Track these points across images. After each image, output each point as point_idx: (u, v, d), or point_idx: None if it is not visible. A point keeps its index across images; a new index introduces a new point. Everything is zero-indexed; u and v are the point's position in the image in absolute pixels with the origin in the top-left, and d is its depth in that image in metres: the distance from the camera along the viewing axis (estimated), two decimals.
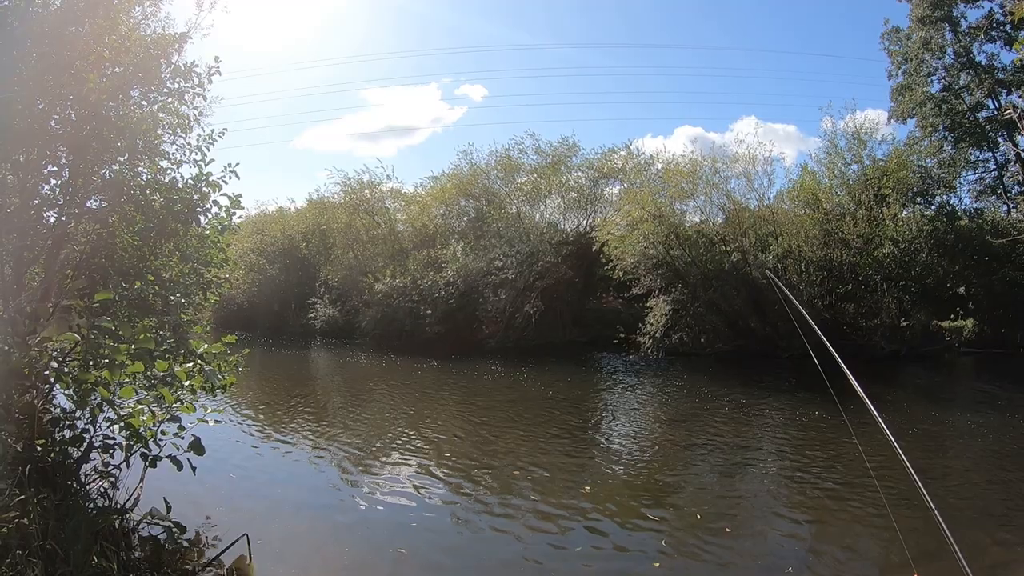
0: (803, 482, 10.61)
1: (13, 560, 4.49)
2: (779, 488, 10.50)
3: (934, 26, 29.95)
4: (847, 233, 26.36)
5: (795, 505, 9.57)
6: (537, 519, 8.90)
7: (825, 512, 9.18)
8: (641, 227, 27.91)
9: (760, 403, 17.33)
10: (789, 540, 8.33)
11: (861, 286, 25.94)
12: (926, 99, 30.63)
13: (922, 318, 26.10)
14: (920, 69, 31.14)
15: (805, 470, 11.24)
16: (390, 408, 17.69)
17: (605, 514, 9.09)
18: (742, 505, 9.81)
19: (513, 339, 30.06)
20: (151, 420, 6.54)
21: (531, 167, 36.30)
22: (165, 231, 8.18)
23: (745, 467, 11.87)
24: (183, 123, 8.27)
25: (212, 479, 7.14)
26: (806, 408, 15.83)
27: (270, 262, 42.38)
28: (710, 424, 14.91)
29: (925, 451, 12.17)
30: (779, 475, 11.22)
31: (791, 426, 14.76)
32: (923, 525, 4.50)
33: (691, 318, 27.71)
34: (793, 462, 11.88)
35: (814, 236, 26.76)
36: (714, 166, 29.02)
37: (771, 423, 15.34)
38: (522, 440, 13.28)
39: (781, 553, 7.92)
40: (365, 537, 8.32)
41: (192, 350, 7.50)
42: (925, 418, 14.99)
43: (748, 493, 10.39)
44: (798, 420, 15.12)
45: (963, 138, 30.67)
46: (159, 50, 7.68)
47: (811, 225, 27.01)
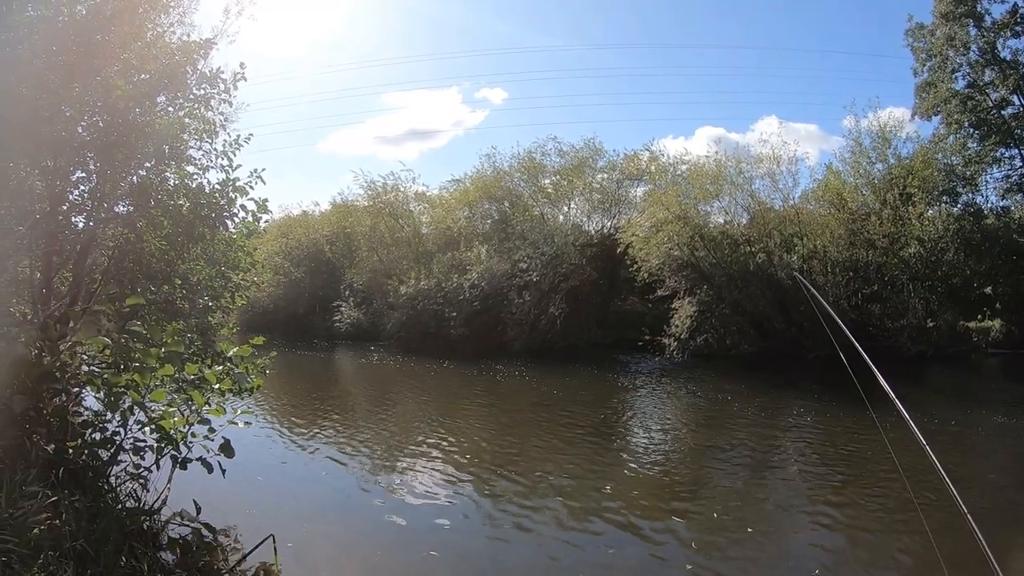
0: (830, 483, 10.56)
1: (45, 561, 4.55)
2: (806, 489, 10.41)
3: (958, 22, 29.53)
4: (873, 233, 26.09)
5: (822, 506, 9.48)
6: (565, 521, 8.89)
7: (853, 514, 9.10)
8: (666, 228, 27.77)
9: (786, 404, 17.25)
10: (816, 542, 8.26)
11: (887, 286, 25.68)
12: (951, 96, 30.18)
13: (949, 319, 25.84)
14: (944, 66, 30.71)
15: (832, 471, 11.17)
16: (415, 410, 17.78)
17: (632, 516, 9.06)
18: (768, 507, 9.79)
19: (538, 341, 29.99)
20: (182, 423, 6.61)
21: (554, 169, 36.28)
22: (193, 235, 8.27)
23: (771, 468, 11.84)
24: (209, 129, 8.34)
25: (238, 481, 7.20)
26: (832, 409, 15.73)
27: (295, 265, 42.62)
28: (735, 426, 14.87)
29: (954, 453, 12.03)
30: (806, 476, 11.11)
31: (817, 427, 14.67)
32: (954, 528, 4.47)
33: (716, 319, 27.55)
34: (820, 463, 11.79)
35: (839, 236, 26.54)
36: (738, 167, 28.85)
37: (797, 424, 15.24)
38: (547, 442, 13.27)
39: (809, 555, 7.85)
40: (393, 539, 8.35)
41: (222, 353, 7.57)
42: (953, 420, 14.82)
43: (774, 494, 10.37)
44: (824, 421, 15.02)
45: (988, 135, 30.09)
46: (185, 57, 7.77)
47: (836, 225, 26.78)
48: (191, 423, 6.72)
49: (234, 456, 6.83)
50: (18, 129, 5.90)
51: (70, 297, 7.72)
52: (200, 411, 6.73)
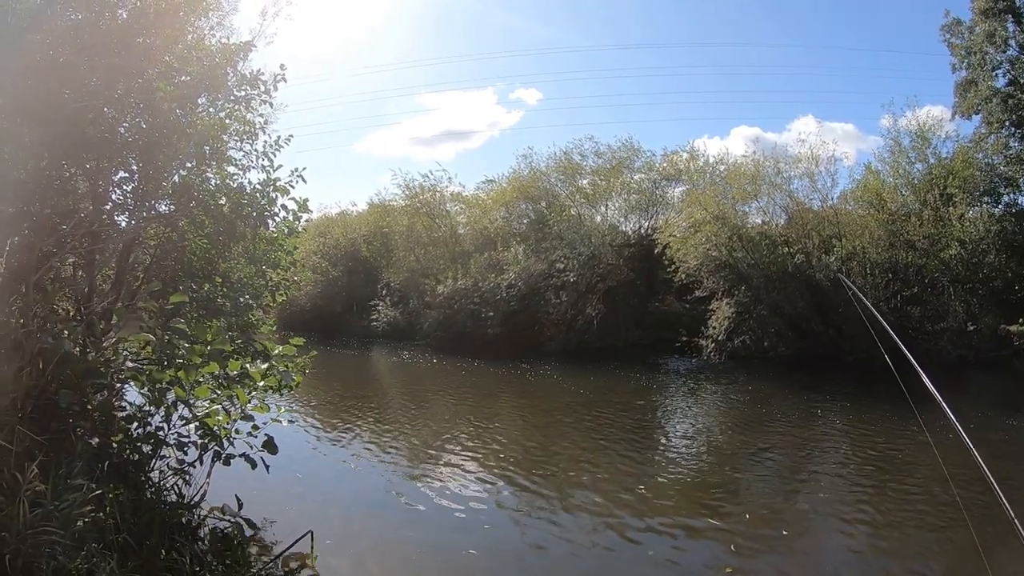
0: (870, 487, 10.40)
1: (89, 552, 4.65)
2: (844, 493, 10.24)
3: (997, 18, 28.84)
4: (912, 234, 25.55)
5: (861, 511, 9.34)
6: (601, 522, 8.88)
7: (893, 519, 8.96)
8: (704, 229, 27.53)
9: (823, 407, 17.04)
10: (855, 547, 8.15)
11: (927, 289, 25.09)
12: (991, 94, 29.28)
13: (990, 322, 25.24)
14: (984, 63, 29.82)
15: (871, 475, 11.01)
16: (451, 409, 17.86)
17: (668, 518, 9.02)
18: (806, 510, 9.69)
19: (574, 341, 29.91)
20: (226, 419, 6.71)
21: (591, 169, 36.15)
22: (234, 234, 8.39)
23: (808, 471, 11.70)
24: (249, 129, 8.45)
25: (277, 476, 7.29)
26: (872, 413, 15.49)
27: (332, 264, 42.89)
28: (772, 428, 14.74)
29: (999, 459, 11.73)
30: (844, 480, 10.94)
31: (855, 430, 14.45)
32: (1001, 536, 4.40)
33: (754, 321, 27.24)
34: (858, 467, 11.61)
35: (879, 237, 26.03)
36: (777, 166, 28.54)
37: (835, 427, 15.06)
38: (583, 443, 13.27)
39: (847, 560, 7.76)
40: (431, 537, 8.39)
41: (267, 351, 7.67)
42: (996, 425, 14.48)
43: (812, 498, 10.24)
44: (863, 424, 14.78)
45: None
46: (225, 59, 7.86)
47: (876, 226, 26.27)
48: (235, 420, 6.82)
49: (277, 453, 6.94)
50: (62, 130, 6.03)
51: (113, 295, 7.87)
52: (244, 408, 6.84)
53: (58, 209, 6.71)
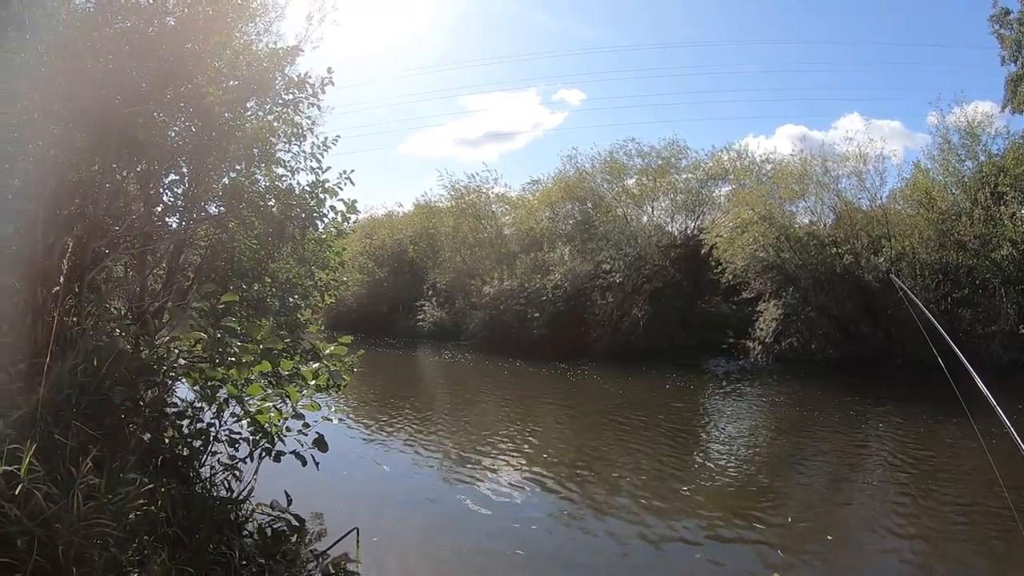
0: (919, 493, 10.15)
1: (140, 544, 4.76)
2: (893, 500, 10.02)
3: None
4: (963, 234, 24.80)
5: (910, 517, 9.13)
6: (648, 524, 8.83)
7: (943, 527, 8.75)
8: (751, 229, 27.17)
9: (872, 411, 16.71)
10: (904, 555, 7.96)
11: (978, 290, 24.35)
12: None
13: None
14: None
15: (921, 481, 10.75)
16: (495, 409, 17.92)
17: (714, 520, 8.96)
18: (853, 516, 9.52)
19: (620, 343, 29.72)
20: (277, 417, 6.83)
21: (637, 169, 35.92)
22: (283, 235, 8.52)
23: (856, 476, 11.50)
24: (297, 132, 8.57)
25: (323, 474, 7.37)
26: (922, 417, 15.15)
27: (379, 265, 43.27)
28: (819, 431, 14.53)
29: None
30: (893, 486, 10.69)
31: (905, 435, 14.08)
32: None
33: (802, 323, 26.79)
34: (908, 472, 11.34)
35: (928, 237, 25.35)
36: (824, 165, 27.92)
37: (883, 432, 14.69)
38: (628, 444, 13.23)
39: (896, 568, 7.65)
40: (477, 536, 8.43)
41: (318, 350, 7.78)
42: None
43: (859, 504, 10.06)
44: (912, 429, 14.45)
45: None
46: (272, 63, 8.00)
47: (925, 226, 25.56)
48: (286, 418, 6.94)
49: (328, 450, 7.04)
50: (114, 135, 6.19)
51: (164, 294, 8.04)
52: (296, 406, 6.94)
53: (110, 211, 6.88)
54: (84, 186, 6.51)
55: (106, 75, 6.17)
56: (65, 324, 5.83)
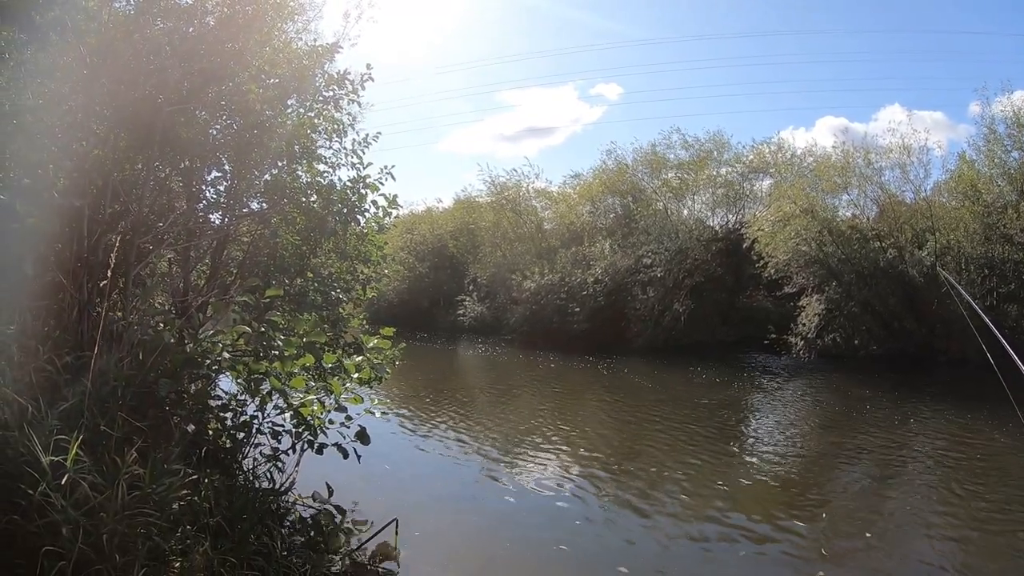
0: (965, 494, 9.89)
1: (183, 534, 4.85)
2: (937, 500, 9.82)
3: None
4: (1010, 227, 24.22)
5: (955, 518, 8.92)
6: (691, 522, 8.77)
7: (989, 528, 8.55)
8: (793, 222, 26.95)
9: (916, 408, 16.45)
10: (948, 557, 7.74)
11: None
12: None
13: None
14: None
15: (967, 481, 10.48)
16: (538, 404, 17.91)
17: (757, 518, 8.86)
18: (896, 516, 9.35)
19: (661, 337, 29.66)
20: (320, 410, 6.91)
21: (677, 162, 35.78)
22: (325, 230, 8.62)
23: (899, 475, 11.28)
24: (338, 128, 8.67)
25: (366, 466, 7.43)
26: (967, 415, 14.87)
27: (419, 260, 43.58)
28: (862, 429, 14.29)
29: None
30: (938, 486, 10.49)
31: (952, 435, 13.82)
32: None
33: (845, 318, 26.55)
34: (953, 472, 11.11)
35: (974, 231, 24.89)
36: (867, 157, 27.58)
37: (928, 430, 14.43)
38: (669, 440, 13.14)
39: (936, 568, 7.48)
40: (520, 531, 8.42)
41: (360, 344, 7.86)
42: None
43: (902, 503, 9.88)
44: (958, 428, 14.19)
45: None
46: (312, 61, 8.11)
47: (971, 219, 25.10)
48: (329, 410, 7.02)
49: (370, 443, 7.10)
50: (158, 133, 6.31)
51: (208, 289, 8.17)
52: (339, 399, 7.02)
53: (154, 208, 7.01)
54: (128, 184, 6.64)
55: (148, 75, 6.29)
56: (111, 319, 5.96)
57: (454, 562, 7.45)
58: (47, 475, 4.22)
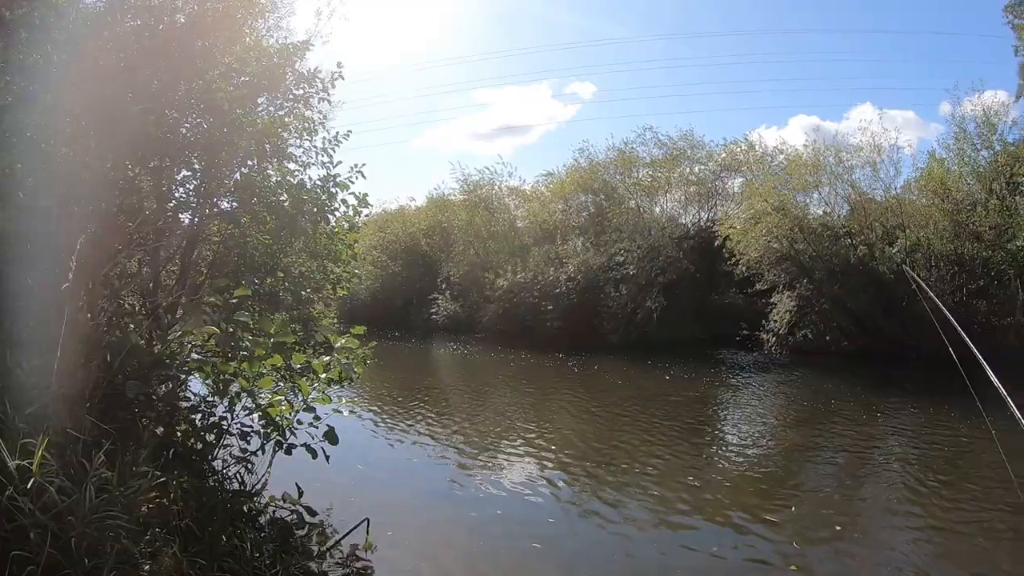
0: (933, 487, 10.08)
1: (153, 537, 4.82)
2: (907, 493, 9.93)
3: None
4: (978, 224, 24.76)
5: (924, 510, 9.10)
6: (664, 518, 8.82)
7: (956, 519, 8.70)
8: (764, 220, 27.21)
9: (886, 404, 16.65)
10: (917, 547, 7.93)
11: (993, 281, 24.21)
12: None
13: None
14: None
15: (935, 474, 10.67)
16: (511, 403, 17.97)
17: (730, 513, 8.94)
18: (868, 509, 9.54)
19: (634, 335, 29.82)
20: (288, 410, 6.88)
21: (650, 161, 36.01)
22: (295, 230, 8.56)
23: (870, 469, 11.48)
24: (308, 127, 8.61)
25: (338, 467, 7.41)
26: (937, 411, 15.03)
27: (392, 259, 43.45)
28: (834, 425, 14.49)
29: None
30: (907, 479, 10.61)
31: (919, 428, 14.08)
32: None
33: (816, 315, 26.92)
34: (922, 466, 11.27)
35: (943, 228, 25.26)
36: (838, 156, 27.98)
37: (898, 425, 14.65)
38: (643, 437, 13.18)
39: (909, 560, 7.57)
40: (493, 529, 8.41)
41: (329, 343, 7.84)
42: None
43: (873, 496, 10.10)
44: (927, 422, 14.39)
45: None
46: (283, 59, 8.05)
47: (940, 216, 25.49)
48: (297, 410, 6.99)
49: (338, 443, 7.08)
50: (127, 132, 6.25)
51: (177, 290, 8.11)
52: (307, 399, 7.00)
53: (124, 207, 6.94)
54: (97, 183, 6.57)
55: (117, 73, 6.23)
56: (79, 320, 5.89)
57: (427, 561, 7.42)
58: (14, 479, 4.18)
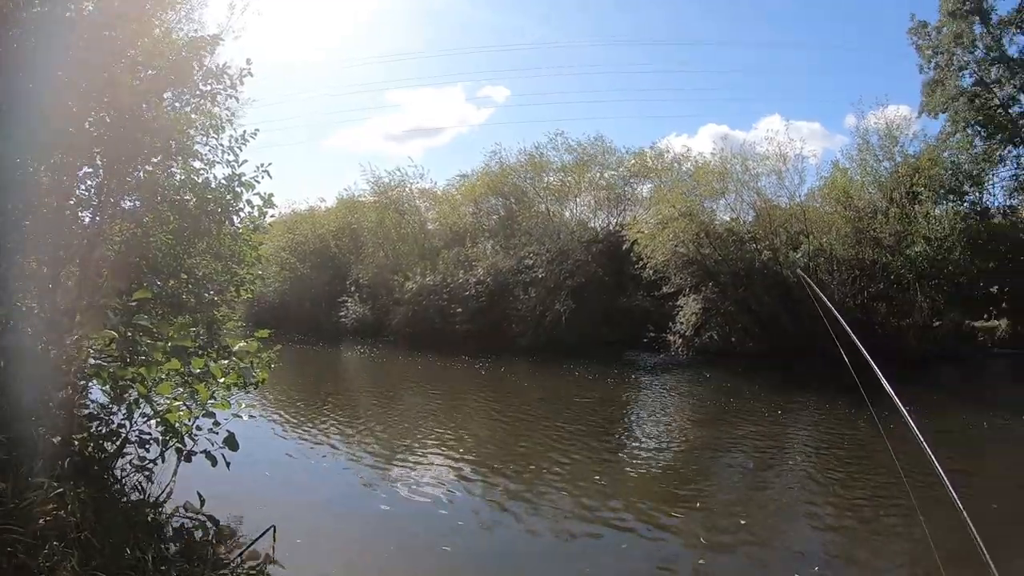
0: (834, 482, 10.57)
1: (50, 551, 4.60)
2: (809, 488, 10.42)
3: (965, 19, 29.39)
4: (879, 231, 26.08)
5: (825, 505, 9.51)
6: (573, 518, 8.94)
7: (855, 513, 9.11)
8: (671, 225, 27.83)
9: (790, 403, 17.29)
10: (819, 540, 8.33)
11: (893, 285, 25.58)
12: (958, 94, 29.94)
13: (955, 318, 25.77)
14: (951, 63, 30.47)
15: (836, 470, 11.18)
16: (420, 406, 17.90)
17: (638, 511, 9.15)
18: (772, 505, 9.85)
19: (543, 338, 30.01)
20: (187, 416, 6.67)
21: (560, 165, 36.48)
22: (199, 230, 8.31)
23: (774, 467, 11.90)
24: (215, 124, 8.36)
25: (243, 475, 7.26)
26: (838, 409, 15.66)
27: (301, 261, 42.73)
28: (739, 424, 14.93)
29: (958, 454, 11.83)
30: (809, 475, 11.11)
31: (822, 427, 14.71)
32: (953, 529, 4.39)
33: (721, 317, 27.66)
34: (823, 462, 11.81)
35: (846, 234, 26.52)
36: (744, 164, 28.93)
37: (801, 423, 15.31)
38: (552, 439, 13.33)
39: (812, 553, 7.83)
40: (403, 534, 8.39)
41: (227, 347, 7.63)
42: (958, 420, 14.77)
43: (778, 493, 10.44)
44: (829, 420, 15.03)
45: (995, 133, 29.88)
46: (191, 53, 7.78)
47: (842, 223, 26.75)
48: (196, 416, 6.78)
49: (238, 449, 6.88)
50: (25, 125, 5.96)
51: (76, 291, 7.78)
52: (205, 405, 6.79)
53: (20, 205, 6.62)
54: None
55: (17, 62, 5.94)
56: None
57: (338, 568, 7.35)
58: None
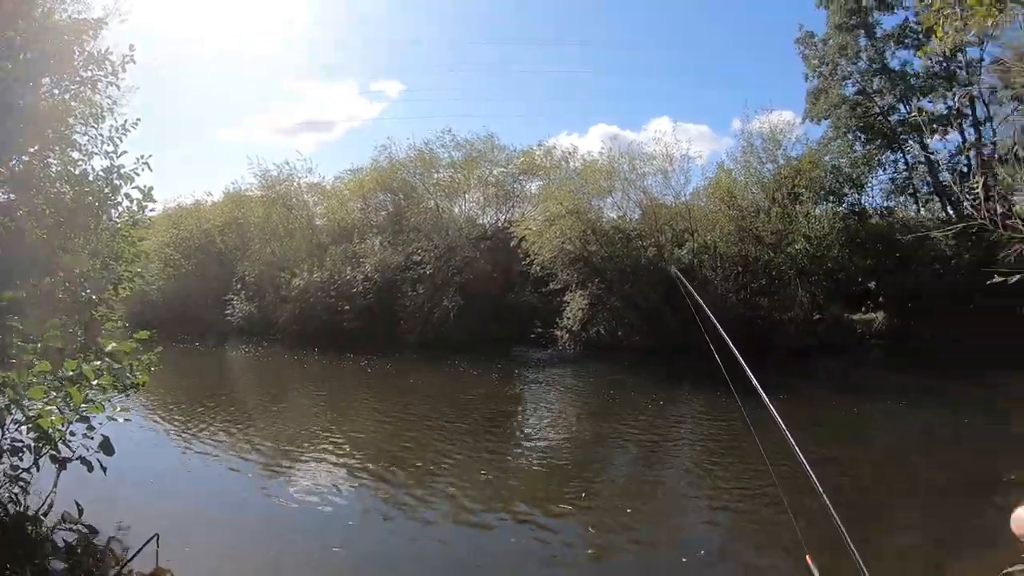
0: (712, 471, 11.14)
1: None
2: (692, 477, 11.01)
3: (850, 32, 30.87)
4: (761, 229, 27.35)
5: (707, 492, 10.07)
6: (464, 513, 9.06)
7: (733, 500, 9.62)
8: (559, 222, 28.30)
9: (674, 396, 17.91)
10: (702, 526, 8.83)
11: (775, 281, 26.92)
12: (840, 102, 31.49)
13: (834, 311, 27.01)
14: (835, 73, 32.00)
15: (716, 460, 11.80)
16: (309, 406, 17.69)
17: (531, 505, 9.34)
18: (658, 493, 10.33)
19: (432, 334, 29.95)
20: (60, 421, 6.32)
21: (449, 162, 36.37)
22: (76, 225, 7.89)
23: (659, 457, 12.43)
24: (96, 113, 7.95)
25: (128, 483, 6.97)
26: (718, 401, 16.11)
27: (186, 257, 41.12)
28: (625, 417, 15.37)
29: (832, 440, 12.64)
30: (692, 464, 11.75)
31: (703, 418, 15.31)
32: (818, 511, 4.58)
33: (607, 312, 28.25)
34: (704, 452, 12.45)
35: (729, 232, 27.68)
36: (632, 163, 29.62)
37: (684, 415, 15.94)
38: (442, 435, 13.49)
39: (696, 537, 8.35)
40: (293, 536, 8.27)
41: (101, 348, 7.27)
42: (835, 408, 15.74)
43: (663, 482, 10.98)
44: (710, 412, 15.59)
45: (874, 139, 31.68)
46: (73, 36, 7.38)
47: (726, 221, 27.89)
48: (70, 421, 6.44)
49: (114, 454, 6.60)
50: None
51: None
52: (78, 409, 6.45)
53: None
54: None
55: None
56: None
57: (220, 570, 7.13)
58: None
